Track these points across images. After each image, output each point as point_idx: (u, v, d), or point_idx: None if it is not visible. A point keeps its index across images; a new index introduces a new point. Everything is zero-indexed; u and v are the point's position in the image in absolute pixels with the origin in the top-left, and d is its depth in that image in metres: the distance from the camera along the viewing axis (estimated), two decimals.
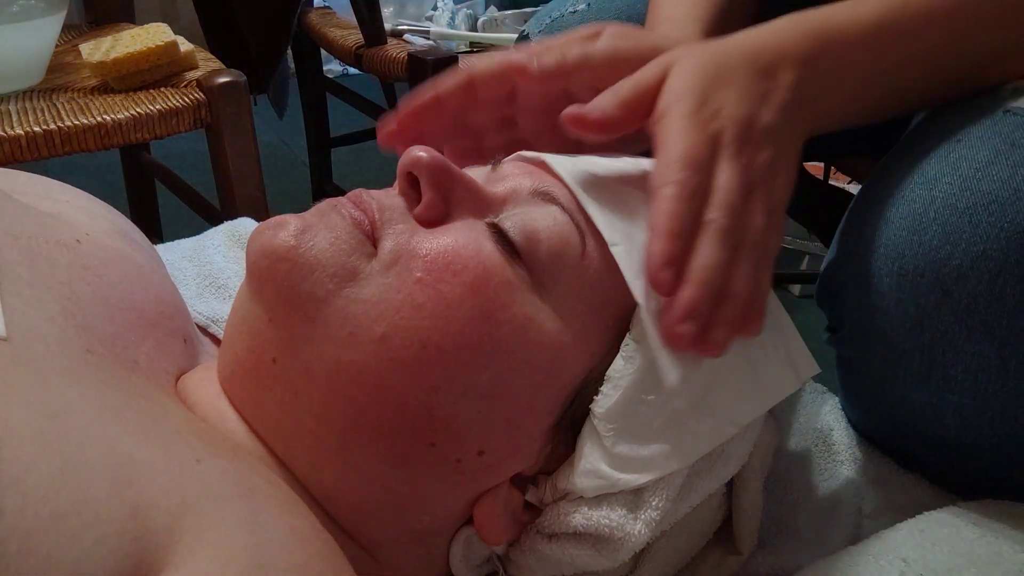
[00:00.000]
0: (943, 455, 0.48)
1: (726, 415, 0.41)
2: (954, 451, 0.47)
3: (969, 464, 0.47)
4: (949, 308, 0.42)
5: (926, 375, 0.44)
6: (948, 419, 0.44)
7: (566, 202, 0.41)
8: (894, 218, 0.44)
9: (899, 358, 0.44)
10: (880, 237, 0.44)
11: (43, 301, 0.34)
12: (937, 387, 0.44)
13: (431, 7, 1.45)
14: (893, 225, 0.44)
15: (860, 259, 0.46)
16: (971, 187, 0.42)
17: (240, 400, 0.39)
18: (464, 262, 0.37)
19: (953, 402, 0.43)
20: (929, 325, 0.43)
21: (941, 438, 0.46)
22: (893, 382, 0.46)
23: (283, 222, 0.38)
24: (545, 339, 0.38)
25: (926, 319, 0.43)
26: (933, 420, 0.45)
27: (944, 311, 0.42)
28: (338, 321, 0.36)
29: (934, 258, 0.42)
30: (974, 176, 0.42)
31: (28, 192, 0.43)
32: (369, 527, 0.39)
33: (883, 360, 0.46)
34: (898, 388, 0.46)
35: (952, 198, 0.42)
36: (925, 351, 0.43)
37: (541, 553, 0.41)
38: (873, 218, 0.46)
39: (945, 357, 0.43)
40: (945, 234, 0.42)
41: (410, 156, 0.40)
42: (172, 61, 1.00)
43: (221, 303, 0.61)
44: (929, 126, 0.49)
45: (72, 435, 0.27)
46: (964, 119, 0.46)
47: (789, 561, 0.46)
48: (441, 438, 0.37)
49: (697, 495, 0.42)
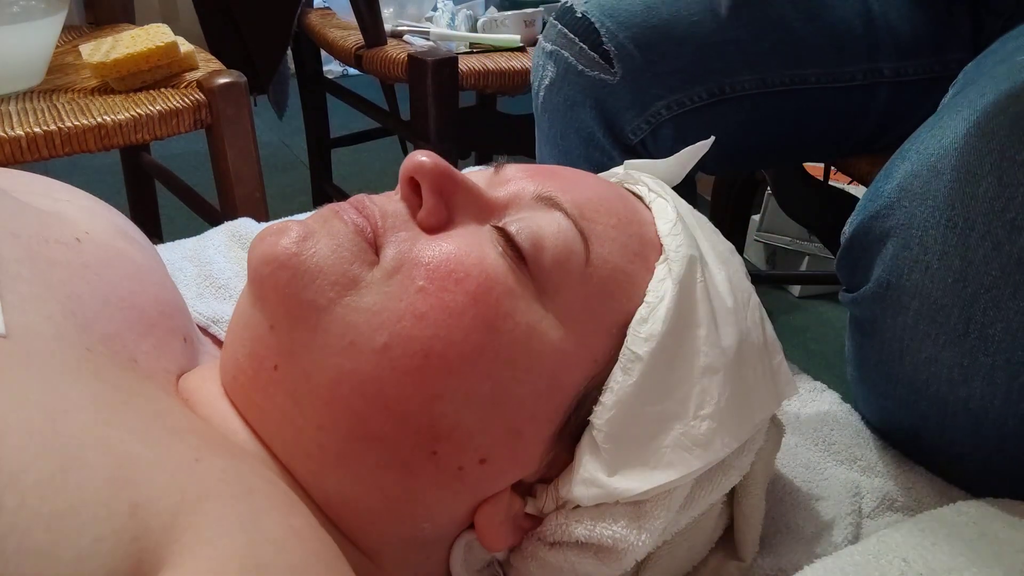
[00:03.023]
0: (960, 429, 0.47)
1: (727, 429, 0.41)
2: (975, 422, 0.46)
3: (986, 439, 0.46)
4: (998, 262, 0.41)
5: (962, 332, 0.43)
6: (976, 383, 0.43)
7: (570, 208, 0.41)
8: (946, 168, 0.43)
9: (934, 314, 0.43)
10: (929, 188, 0.43)
11: (43, 299, 0.34)
12: (971, 346, 0.43)
13: (431, 8, 1.45)
14: (944, 176, 0.43)
15: (904, 211, 0.44)
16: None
17: (242, 405, 0.39)
18: (467, 270, 0.37)
19: (986, 364, 0.43)
20: (974, 279, 0.42)
21: (964, 406, 0.45)
22: (923, 340, 0.45)
23: (285, 228, 0.38)
24: (548, 347, 0.38)
25: (971, 273, 0.42)
26: (960, 383, 0.44)
27: (992, 265, 0.41)
28: (339, 329, 0.36)
29: (988, 210, 0.41)
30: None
31: (28, 191, 0.43)
32: (370, 533, 0.39)
33: (916, 316, 0.45)
34: (927, 347, 0.45)
35: (1011, 150, 0.41)
36: (965, 307, 0.42)
37: (543, 560, 0.40)
38: (921, 168, 0.44)
39: (986, 314, 0.42)
40: (1001, 186, 0.41)
41: (413, 161, 0.40)
42: (172, 62, 1.00)
43: (221, 303, 0.61)
44: (983, 82, 0.48)
45: (71, 434, 0.27)
46: (1017, 71, 0.45)
47: (789, 562, 0.46)
48: (443, 446, 0.36)
49: (699, 506, 0.42)
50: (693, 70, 0.71)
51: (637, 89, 0.71)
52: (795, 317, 1.60)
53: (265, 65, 1.53)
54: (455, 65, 1.21)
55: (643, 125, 0.72)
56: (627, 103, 0.72)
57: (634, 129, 0.72)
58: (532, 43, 1.37)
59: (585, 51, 0.71)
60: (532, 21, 1.35)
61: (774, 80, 0.72)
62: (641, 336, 0.39)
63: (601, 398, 0.39)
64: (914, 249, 0.44)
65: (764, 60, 0.71)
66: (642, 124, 0.72)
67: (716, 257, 0.44)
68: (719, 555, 0.46)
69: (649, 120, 0.72)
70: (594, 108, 0.73)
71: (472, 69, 1.23)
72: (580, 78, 0.72)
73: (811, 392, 0.61)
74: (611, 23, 0.71)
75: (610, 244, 0.40)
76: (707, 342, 0.40)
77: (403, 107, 1.39)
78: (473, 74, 1.24)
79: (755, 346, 0.43)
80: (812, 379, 0.63)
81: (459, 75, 1.22)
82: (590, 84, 0.72)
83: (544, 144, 0.80)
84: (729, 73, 0.71)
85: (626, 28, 0.70)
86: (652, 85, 0.71)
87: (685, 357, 0.40)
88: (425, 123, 1.24)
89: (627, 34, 0.70)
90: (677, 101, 0.71)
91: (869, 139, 0.78)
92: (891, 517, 0.49)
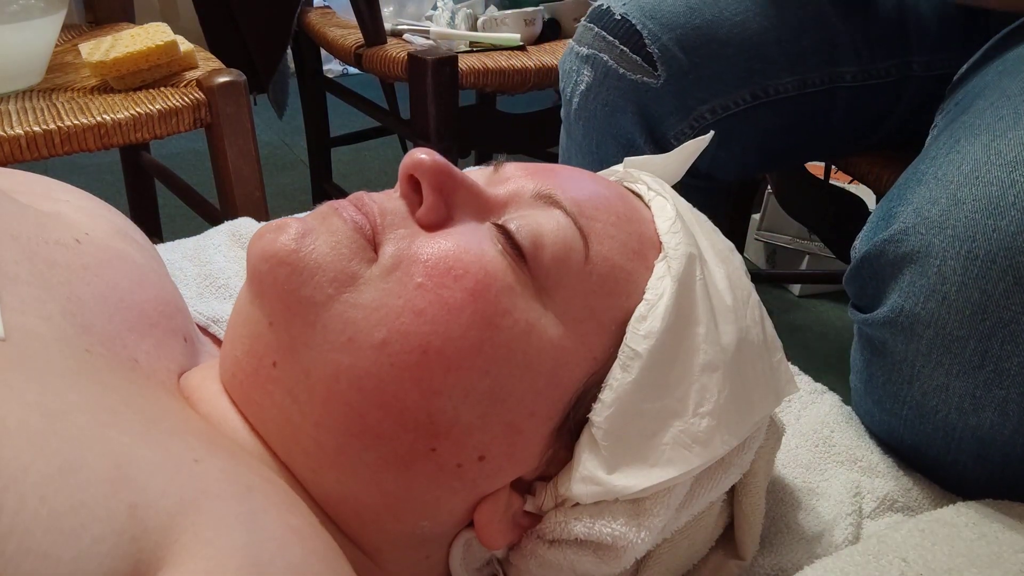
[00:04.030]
0: (965, 451, 0.47)
1: (727, 427, 0.41)
2: (982, 447, 0.46)
3: (992, 461, 0.46)
4: (1019, 297, 0.41)
5: (977, 364, 0.43)
6: (988, 413, 0.43)
7: (569, 206, 0.41)
8: (967, 199, 0.43)
9: (949, 345, 0.43)
10: (948, 217, 0.43)
11: (42, 301, 0.34)
12: (986, 378, 0.43)
13: (431, 7, 1.45)
14: (965, 206, 0.43)
15: (920, 238, 0.44)
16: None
17: (241, 402, 0.39)
18: (465, 267, 0.37)
19: (999, 396, 0.43)
20: (992, 313, 0.42)
21: (972, 433, 0.45)
22: (935, 369, 0.45)
23: (284, 225, 0.38)
24: (546, 345, 0.38)
25: (990, 306, 0.42)
26: (971, 413, 0.44)
27: (1013, 300, 0.41)
28: (337, 326, 0.36)
29: (1010, 244, 0.41)
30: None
31: (28, 192, 0.43)
32: (369, 531, 0.39)
33: (929, 345, 0.45)
34: (939, 376, 0.45)
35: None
36: (982, 340, 0.42)
37: (542, 558, 0.40)
38: (938, 195, 0.44)
39: (1003, 348, 0.42)
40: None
41: (412, 158, 0.40)
42: (172, 61, 1.00)
43: (222, 303, 0.61)
44: (1000, 104, 0.48)
45: (71, 435, 0.27)
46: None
47: (789, 561, 0.46)
48: (442, 443, 0.36)
49: (699, 504, 0.42)
50: (737, 72, 0.70)
51: (681, 92, 0.69)
52: (795, 316, 1.60)
53: (265, 64, 1.53)
54: (455, 64, 1.21)
55: (686, 130, 0.71)
56: (671, 107, 0.70)
57: (677, 134, 0.71)
58: (532, 42, 1.37)
59: (626, 54, 0.69)
60: (532, 20, 1.35)
61: (813, 80, 0.71)
62: (640, 333, 0.39)
63: (600, 395, 0.39)
64: (931, 278, 0.44)
65: (804, 59, 0.70)
66: (685, 129, 0.71)
67: (715, 255, 0.44)
68: (719, 553, 0.46)
69: (692, 124, 0.70)
70: (636, 113, 0.71)
71: (472, 68, 1.23)
72: (621, 82, 0.70)
73: (811, 394, 0.61)
74: (654, 25, 0.69)
75: (609, 242, 0.40)
76: (706, 340, 0.40)
77: (403, 106, 1.39)
78: (473, 73, 1.23)
79: (755, 344, 0.43)
80: (813, 380, 0.63)
81: (459, 74, 1.22)
82: (632, 88, 0.70)
83: (575, 153, 0.77)
84: (771, 75, 0.70)
85: (670, 30, 0.68)
86: (696, 88, 0.69)
87: (684, 354, 0.40)
88: (425, 122, 1.24)
89: (671, 36, 0.68)
90: (722, 105, 0.70)
91: (895, 134, 0.77)
92: (891, 517, 0.49)
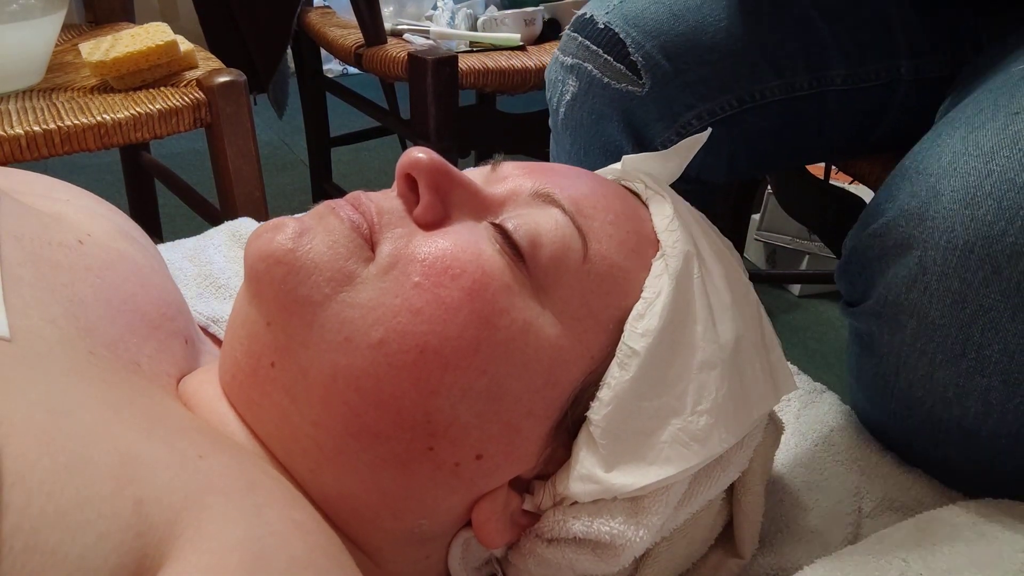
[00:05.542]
0: (953, 445, 0.47)
1: (725, 425, 0.41)
2: (967, 439, 0.46)
3: (979, 455, 0.47)
4: (997, 285, 0.41)
5: (959, 353, 0.43)
6: (971, 402, 0.44)
7: (567, 204, 0.41)
8: (945, 190, 0.43)
9: (932, 334, 0.44)
10: (928, 209, 0.44)
11: (45, 303, 0.34)
12: (968, 367, 0.43)
13: (431, 7, 1.45)
14: (944, 197, 0.43)
15: (901, 230, 0.45)
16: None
17: (240, 403, 0.39)
18: (463, 266, 0.37)
19: (981, 385, 0.43)
20: (972, 301, 0.42)
21: (957, 424, 0.45)
22: (920, 359, 0.45)
23: (281, 225, 0.38)
24: (544, 344, 0.38)
25: (970, 295, 0.42)
26: (955, 403, 0.44)
27: (991, 288, 0.41)
28: (335, 325, 0.36)
29: (987, 233, 0.41)
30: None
31: (29, 192, 0.43)
32: (368, 530, 0.39)
33: (913, 335, 0.45)
34: (923, 366, 0.45)
35: (1010, 172, 0.41)
36: (963, 328, 0.43)
37: (541, 557, 0.41)
38: (920, 188, 0.45)
39: (983, 336, 0.42)
40: (1001, 209, 0.41)
41: (409, 158, 0.40)
42: (172, 60, 1.00)
43: (221, 303, 0.61)
44: (981, 97, 0.48)
45: (76, 432, 0.27)
46: (1014, 85, 0.45)
47: (789, 561, 0.46)
48: (439, 442, 0.36)
49: (697, 502, 0.42)
50: (722, 78, 0.69)
51: (666, 100, 0.69)
52: (795, 316, 1.60)
53: (265, 64, 1.53)
54: (455, 64, 1.21)
55: (673, 136, 0.71)
56: (656, 115, 0.70)
57: (664, 141, 0.71)
58: (532, 42, 1.37)
59: (610, 63, 0.69)
60: (532, 20, 1.35)
61: (800, 84, 0.71)
62: (638, 332, 0.39)
63: (598, 394, 0.39)
64: (913, 268, 0.44)
65: (790, 63, 0.70)
66: (672, 135, 0.71)
67: (713, 253, 0.44)
68: (719, 552, 0.46)
69: (679, 131, 0.70)
70: (622, 121, 0.71)
71: (472, 68, 1.23)
72: (606, 91, 0.70)
73: (811, 393, 0.61)
74: (637, 33, 0.69)
75: (607, 240, 0.40)
76: (704, 338, 0.40)
77: (403, 106, 1.39)
78: (473, 73, 1.24)
79: (753, 342, 0.43)
80: (812, 380, 0.63)
81: (459, 74, 1.22)
82: (617, 97, 0.70)
83: (564, 162, 0.77)
84: (757, 79, 0.70)
85: (653, 38, 0.68)
86: (682, 95, 0.69)
87: (682, 353, 0.40)
88: (425, 122, 1.24)
89: (654, 44, 0.68)
90: (708, 110, 0.70)
91: (887, 138, 0.78)
92: (891, 517, 0.50)
